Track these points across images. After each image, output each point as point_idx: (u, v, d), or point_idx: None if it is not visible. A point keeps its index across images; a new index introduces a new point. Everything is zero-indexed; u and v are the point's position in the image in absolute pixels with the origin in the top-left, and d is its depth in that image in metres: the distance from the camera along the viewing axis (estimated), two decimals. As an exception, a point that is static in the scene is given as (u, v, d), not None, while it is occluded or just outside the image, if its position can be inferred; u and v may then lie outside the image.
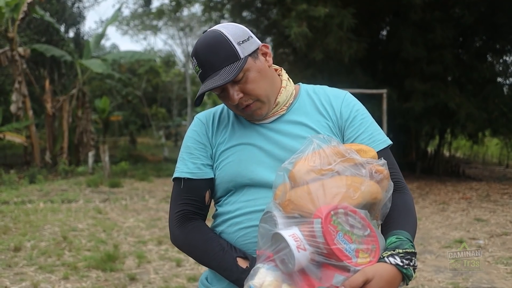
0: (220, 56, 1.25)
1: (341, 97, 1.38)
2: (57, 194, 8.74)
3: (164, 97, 27.10)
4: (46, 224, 6.25)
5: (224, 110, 1.44)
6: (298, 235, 1.01)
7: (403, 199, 1.27)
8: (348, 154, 1.12)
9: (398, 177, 1.31)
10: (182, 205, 1.34)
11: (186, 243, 1.32)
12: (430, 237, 5.85)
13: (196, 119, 1.44)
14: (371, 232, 1.05)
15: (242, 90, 1.26)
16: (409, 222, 1.21)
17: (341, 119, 1.34)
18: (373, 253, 1.04)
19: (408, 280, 1.08)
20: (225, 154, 1.34)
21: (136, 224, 6.47)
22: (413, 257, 1.09)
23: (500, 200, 8.67)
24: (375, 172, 1.13)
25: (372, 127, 1.34)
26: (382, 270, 1.03)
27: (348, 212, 1.03)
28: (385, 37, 13.74)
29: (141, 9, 20.83)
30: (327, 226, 0.99)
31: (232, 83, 1.25)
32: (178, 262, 4.68)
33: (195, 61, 1.29)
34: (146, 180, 11.22)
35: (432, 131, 14.81)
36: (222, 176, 1.33)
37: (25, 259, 4.69)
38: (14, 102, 12.05)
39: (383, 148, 1.31)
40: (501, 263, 4.71)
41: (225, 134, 1.37)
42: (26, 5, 11.76)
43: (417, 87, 10.85)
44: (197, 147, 1.37)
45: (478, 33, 12.50)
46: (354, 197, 1.06)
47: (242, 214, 1.28)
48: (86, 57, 14.49)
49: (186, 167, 1.36)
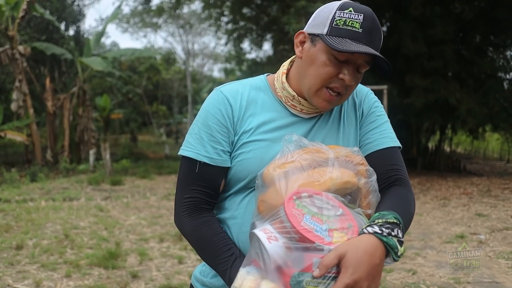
0: (380, 39, 1.21)
1: (364, 93, 1.36)
2: (59, 192, 8.76)
3: (165, 94, 27.07)
4: (48, 222, 6.27)
5: (252, 91, 1.30)
6: (268, 228, 0.99)
7: (402, 191, 1.21)
8: (312, 146, 1.12)
9: (403, 175, 1.25)
10: (195, 192, 1.23)
11: (195, 236, 1.22)
12: (431, 233, 5.86)
13: (221, 94, 1.26)
14: (344, 212, 1.02)
15: (354, 79, 1.19)
16: (401, 208, 1.12)
17: (362, 114, 1.33)
18: (350, 231, 1.00)
19: (395, 254, 1.00)
20: (248, 147, 1.22)
21: (138, 221, 6.49)
22: (395, 227, 1.01)
23: (501, 195, 8.68)
24: (345, 159, 1.11)
25: (386, 125, 1.32)
26: (357, 242, 0.97)
27: (312, 194, 1.02)
28: (386, 33, 13.72)
29: (141, 7, 20.77)
30: (290, 210, 0.97)
31: (355, 70, 1.18)
32: (180, 259, 4.69)
33: (358, 16, 1.14)
34: (147, 178, 11.24)
35: (433, 127, 14.82)
36: (239, 170, 1.23)
37: (27, 257, 4.71)
38: (15, 100, 12.08)
39: (392, 147, 1.27)
40: (502, 258, 4.72)
41: (252, 122, 1.24)
42: (26, 3, 11.77)
43: (418, 82, 10.87)
44: (220, 130, 1.23)
45: (478, 28, 12.47)
46: (319, 181, 1.05)
47: (244, 216, 1.23)
48: (86, 55, 14.49)
49: (204, 149, 1.23)
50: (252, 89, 1.29)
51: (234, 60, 24.77)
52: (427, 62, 11.00)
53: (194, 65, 31.91)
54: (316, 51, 1.18)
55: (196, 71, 31.68)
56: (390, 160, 1.25)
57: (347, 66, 1.16)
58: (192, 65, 30.41)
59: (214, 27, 16.93)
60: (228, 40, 16.42)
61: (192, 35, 28.20)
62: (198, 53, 31.51)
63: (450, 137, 16.05)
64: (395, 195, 1.18)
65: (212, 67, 46.74)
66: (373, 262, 0.96)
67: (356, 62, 1.17)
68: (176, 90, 26.67)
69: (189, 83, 24.90)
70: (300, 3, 8.93)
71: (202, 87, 28.57)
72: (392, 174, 1.23)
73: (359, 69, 1.19)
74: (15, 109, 12.15)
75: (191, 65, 29.46)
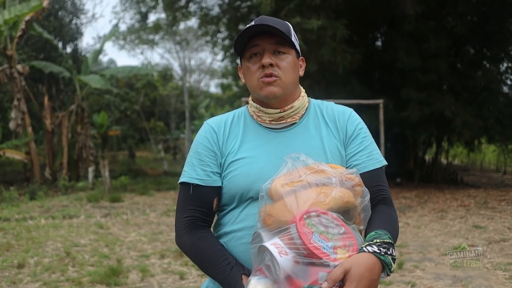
0: (282, 24, 1.40)
1: (347, 114, 1.48)
2: (58, 210, 8.77)
3: (162, 110, 27.19)
4: (48, 240, 6.29)
5: (235, 117, 1.49)
6: (278, 242, 1.10)
7: (388, 210, 1.37)
8: (317, 167, 1.24)
9: (387, 194, 1.41)
10: (191, 211, 1.39)
11: (193, 250, 1.36)
12: (430, 245, 5.91)
13: (207, 125, 1.48)
14: (346, 230, 1.15)
15: (276, 62, 1.38)
16: (390, 227, 1.28)
17: (346, 135, 1.44)
18: (351, 248, 1.13)
19: (389, 270, 1.14)
20: (234, 165, 1.39)
21: (138, 238, 6.51)
22: (390, 247, 1.16)
23: (498, 207, 8.74)
24: (346, 180, 1.23)
25: (372, 147, 1.45)
26: (360, 259, 1.11)
27: (320, 214, 1.13)
28: (380, 48, 13.90)
29: (137, 24, 20.98)
30: (302, 228, 1.09)
31: (271, 53, 1.38)
32: (182, 275, 4.72)
33: (253, 22, 1.39)
34: (146, 194, 11.26)
35: (429, 140, 14.92)
36: (230, 187, 1.38)
37: (29, 275, 4.73)
38: (13, 119, 12.11)
39: (379, 167, 1.42)
40: (500, 269, 4.77)
41: (235, 143, 1.42)
42: (24, 23, 11.88)
43: (413, 96, 10.98)
44: (208, 154, 1.42)
45: (472, 42, 12.67)
46: (325, 201, 1.17)
47: (243, 228, 1.35)
48: (84, 73, 14.59)
49: (195, 173, 1.40)
50: (235, 117, 1.50)
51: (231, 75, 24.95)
52: (422, 75, 11.12)
53: (191, 81, 32.10)
54: (243, 68, 1.46)
55: (193, 87, 31.84)
56: (376, 181, 1.39)
57: (262, 56, 1.37)
58: (189, 81, 30.58)
59: (211, 43, 17.09)
60: (224, 56, 16.57)
61: (189, 51, 28.46)
62: (195, 69, 31.75)
63: (446, 149, 16.14)
64: (384, 215, 1.34)
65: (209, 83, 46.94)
66: (372, 278, 1.11)
67: (264, 48, 1.38)
68: (174, 106, 26.80)
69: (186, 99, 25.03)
70: (295, 20, 9.06)
71: (199, 103, 28.69)
72: (378, 194, 1.38)
73: (277, 52, 1.39)
74: (13, 128, 12.18)
75: (188, 81, 29.63)
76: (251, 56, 1.40)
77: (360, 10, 11.21)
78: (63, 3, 17.29)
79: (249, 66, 1.41)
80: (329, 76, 11.43)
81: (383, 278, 1.16)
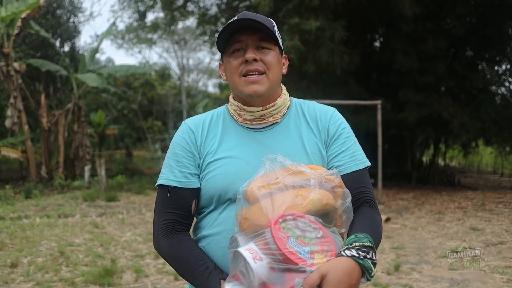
0: (266, 20, 1.36)
1: (330, 114, 1.43)
2: (54, 209, 8.72)
3: (160, 110, 27.12)
4: (43, 239, 6.24)
5: (214, 117, 1.45)
6: (253, 247, 1.05)
7: (371, 212, 1.32)
8: (295, 168, 1.19)
9: (370, 196, 1.36)
10: (169, 214, 1.35)
11: (171, 254, 1.32)
12: (426, 247, 5.88)
13: (185, 125, 1.44)
14: (324, 234, 1.09)
15: (260, 57, 1.34)
16: (372, 230, 1.22)
17: (327, 136, 1.40)
18: (329, 253, 1.08)
19: (369, 275, 1.09)
20: (212, 166, 1.35)
21: (133, 238, 6.47)
22: (370, 250, 1.11)
23: (495, 209, 8.73)
24: (325, 181, 1.18)
25: (354, 147, 1.40)
26: (337, 263, 1.05)
27: (296, 217, 1.08)
28: (378, 49, 13.89)
29: (135, 23, 20.93)
30: (277, 233, 1.04)
31: (254, 48, 1.34)
32: (176, 276, 4.68)
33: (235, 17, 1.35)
34: (142, 194, 11.21)
35: (426, 141, 14.91)
36: (207, 188, 1.34)
37: (22, 275, 4.68)
38: (10, 117, 12.05)
39: (362, 168, 1.37)
40: (497, 272, 4.74)
41: (213, 144, 1.38)
42: (21, 21, 11.81)
43: (411, 97, 10.97)
44: (185, 155, 1.38)
45: (470, 43, 12.65)
46: (302, 204, 1.12)
47: (222, 232, 1.31)
48: (81, 72, 14.53)
49: (173, 175, 1.36)
50: (213, 116, 1.45)
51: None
52: (420, 77, 11.11)
53: (189, 80, 32.06)
54: (225, 64, 1.40)
55: (191, 86, 31.80)
56: (359, 183, 1.34)
57: (245, 51, 1.33)
58: (187, 80, 30.55)
59: (209, 43, 17.05)
60: (222, 56, 16.51)
61: (187, 50, 28.43)
62: (192, 69, 31.72)
63: (444, 151, 16.14)
64: (366, 217, 1.28)
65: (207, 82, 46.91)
66: (350, 282, 1.06)
67: (247, 44, 1.34)
68: (171, 105, 26.73)
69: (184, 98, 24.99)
70: (293, 21, 9.03)
71: (197, 102, 28.64)
72: (361, 196, 1.33)
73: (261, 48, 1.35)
74: (9, 126, 12.12)
75: (186, 81, 29.60)
76: (234, 52, 1.36)
77: (359, 11, 11.19)
78: (60, 1, 17.21)
79: (231, 61, 1.36)
80: (327, 77, 11.40)
81: (363, 283, 1.12)
